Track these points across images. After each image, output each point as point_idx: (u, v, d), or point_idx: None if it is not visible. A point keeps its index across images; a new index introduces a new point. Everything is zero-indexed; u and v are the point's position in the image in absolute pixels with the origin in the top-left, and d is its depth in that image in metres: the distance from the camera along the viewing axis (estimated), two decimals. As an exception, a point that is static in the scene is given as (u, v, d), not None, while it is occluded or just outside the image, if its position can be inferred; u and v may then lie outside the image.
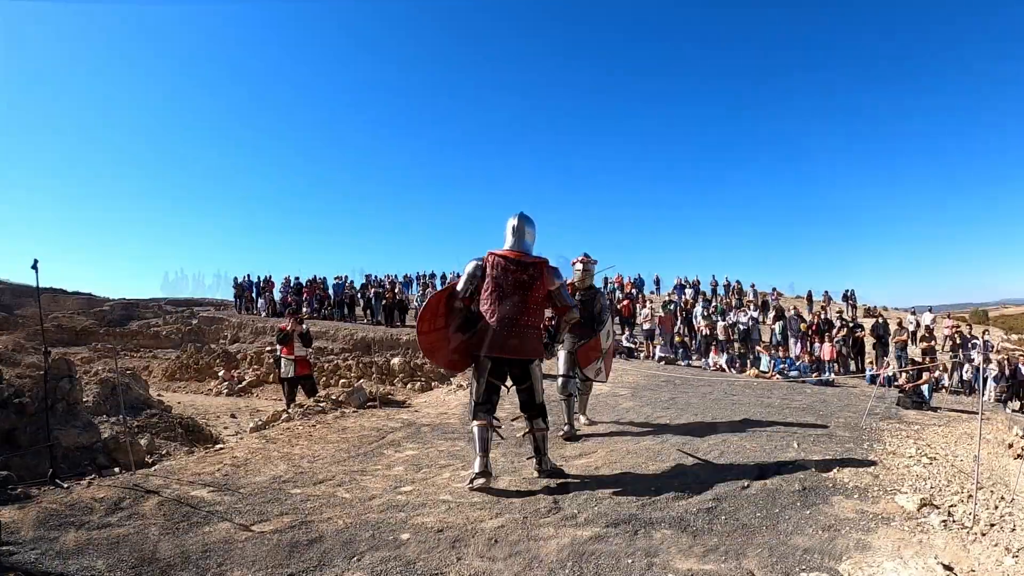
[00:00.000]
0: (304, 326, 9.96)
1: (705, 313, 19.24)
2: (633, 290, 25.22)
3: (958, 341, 17.59)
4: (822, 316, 18.13)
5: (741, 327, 17.85)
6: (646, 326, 18.30)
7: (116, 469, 6.46)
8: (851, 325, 17.01)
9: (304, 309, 24.68)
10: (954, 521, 3.62)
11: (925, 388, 9.37)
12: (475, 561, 3.25)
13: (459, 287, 4.92)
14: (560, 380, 6.56)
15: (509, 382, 4.93)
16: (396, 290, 23.59)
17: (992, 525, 3.55)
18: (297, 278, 26.21)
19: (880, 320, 17.34)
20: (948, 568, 2.98)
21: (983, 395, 13.85)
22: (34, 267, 5.01)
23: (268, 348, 14.57)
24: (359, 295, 24.78)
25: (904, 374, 10.39)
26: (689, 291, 24.81)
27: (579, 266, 6.75)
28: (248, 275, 27.43)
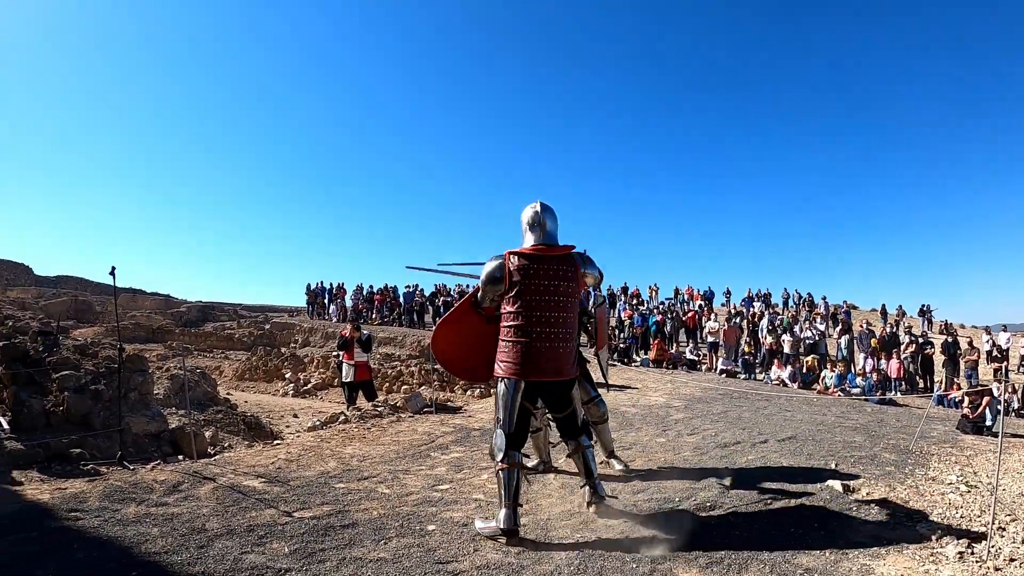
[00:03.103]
0: (363, 332, 10.33)
1: (771, 327, 18.84)
2: (702, 302, 24.97)
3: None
4: (890, 331, 17.44)
5: (807, 341, 17.39)
6: (710, 339, 18.11)
7: (180, 457, 7.05)
8: (920, 342, 16.25)
9: (374, 316, 25.46)
10: (972, 553, 3.53)
11: (988, 411, 8.93)
12: (490, 554, 3.49)
13: (482, 300, 4.18)
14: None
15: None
16: (466, 298, 23.87)
17: (1013, 560, 3.43)
18: (371, 286, 26.99)
19: (951, 338, 16.51)
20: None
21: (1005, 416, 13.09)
22: (111, 273, 6.04)
23: (333, 353, 15.30)
24: (428, 303, 25.30)
25: (966, 398, 9.91)
26: (758, 304, 24.38)
27: None
28: (320, 282, 28.37)
